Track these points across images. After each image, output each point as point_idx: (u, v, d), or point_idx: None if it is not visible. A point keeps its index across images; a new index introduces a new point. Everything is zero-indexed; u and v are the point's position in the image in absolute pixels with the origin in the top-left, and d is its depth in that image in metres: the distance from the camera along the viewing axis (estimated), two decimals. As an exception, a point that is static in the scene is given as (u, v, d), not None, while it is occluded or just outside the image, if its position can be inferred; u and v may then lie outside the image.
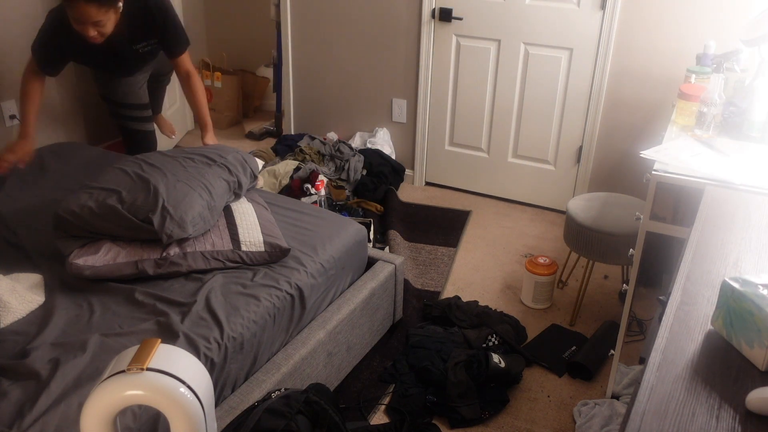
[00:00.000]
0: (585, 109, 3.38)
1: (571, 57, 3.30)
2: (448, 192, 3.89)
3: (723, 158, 1.93)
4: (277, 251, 2.10)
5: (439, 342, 2.46)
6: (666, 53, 3.09)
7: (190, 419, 1.09)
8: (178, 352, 1.15)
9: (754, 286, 1.09)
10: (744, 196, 1.65)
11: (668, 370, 1.05)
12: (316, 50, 3.96)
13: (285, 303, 2.00)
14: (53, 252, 2.08)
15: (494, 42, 3.46)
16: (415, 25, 3.60)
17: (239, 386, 1.86)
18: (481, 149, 3.74)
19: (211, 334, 1.77)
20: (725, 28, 2.92)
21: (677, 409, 0.97)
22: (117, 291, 1.92)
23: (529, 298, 2.80)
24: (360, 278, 2.39)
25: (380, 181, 3.67)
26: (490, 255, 3.21)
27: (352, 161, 3.65)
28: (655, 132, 3.22)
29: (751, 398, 0.97)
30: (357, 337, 2.31)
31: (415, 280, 2.96)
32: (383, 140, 3.88)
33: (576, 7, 3.20)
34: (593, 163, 3.46)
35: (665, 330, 1.14)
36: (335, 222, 2.40)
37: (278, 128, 4.48)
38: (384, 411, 2.23)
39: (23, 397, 1.52)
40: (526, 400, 2.30)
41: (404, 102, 3.81)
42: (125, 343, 1.72)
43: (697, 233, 1.45)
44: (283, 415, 1.53)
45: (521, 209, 3.70)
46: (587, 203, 2.71)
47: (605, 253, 2.54)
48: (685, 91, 2.18)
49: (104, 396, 1.07)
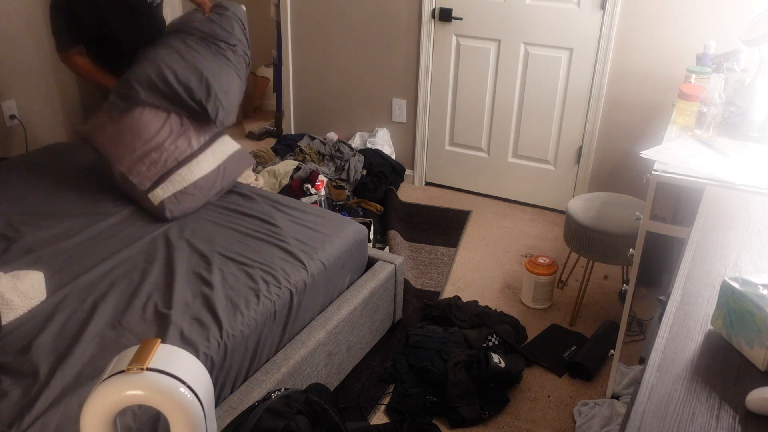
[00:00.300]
0: (585, 109, 3.38)
1: (571, 57, 3.30)
2: (448, 192, 3.89)
3: (723, 158, 1.93)
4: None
5: (439, 342, 2.46)
6: (666, 53, 3.09)
7: (190, 419, 1.09)
8: (178, 351, 1.15)
9: (754, 286, 1.09)
10: (744, 196, 1.65)
11: (668, 370, 1.05)
12: (316, 50, 3.96)
13: (284, 301, 2.00)
14: (55, 250, 2.08)
15: (494, 42, 3.46)
16: (415, 25, 3.60)
17: (239, 386, 1.86)
18: (481, 149, 3.74)
19: (211, 333, 1.77)
20: (725, 28, 2.92)
21: (677, 409, 0.97)
22: (118, 290, 1.92)
23: (529, 298, 2.80)
24: (360, 278, 2.39)
25: (380, 181, 3.67)
26: (490, 255, 3.21)
27: (352, 161, 3.65)
28: (655, 132, 3.22)
29: (751, 398, 0.97)
30: (357, 337, 2.31)
31: (415, 280, 2.96)
32: (383, 140, 3.88)
33: (576, 7, 3.20)
34: (593, 163, 3.46)
35: (665, 330, 1.14)
36: (335, 222, 2.40)
37: (278, 128, 4.48)
38: (384, 411, 2.23)
39: (23, 397, 1.52)
40: (526, 400, 2.30)
41: (404, 102, 3.81)
42: (125, 343, 1.72)
43: (697, 233, 1.45)
44: (283, 415, 1.53)
45: (521, 209, 3.70)
46: (587, 203, 2.71)
47: (605, 253, 2.54)
48: (685, 91, 2.18)
49: (104, 396, 1.07)
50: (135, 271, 2.02)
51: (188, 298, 1.91)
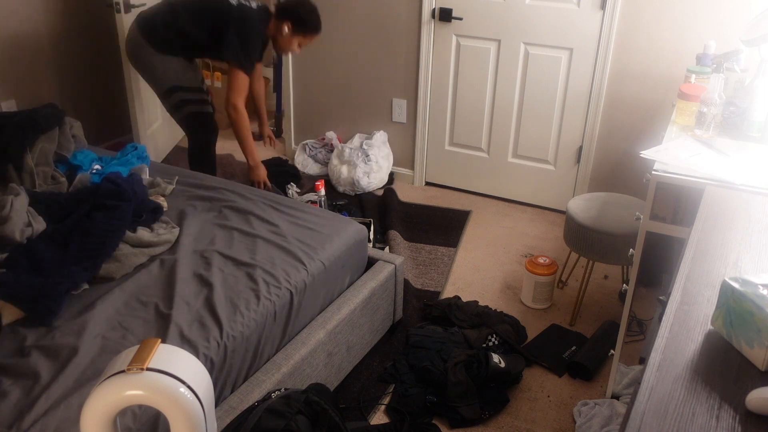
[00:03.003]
0: (585, 109, 3.38)
1: (571, 57, 3.30)
2: (448, 192, 3.89)
3: (723, 158, 1.93)
4: None
5: (439, 342, 2.46)
6: (666, 53, 3.09)
7: (190, 419, 1.09)
8: (178, 351, 1.15)
9: (754, 286, 1.09)
10: (744, 196, 1.65)
11: (668, 370, 1.05)
12: (316, 50, 3.96)
13: (284, 301, 2.00)
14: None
15: (494, 42, 3.46)
16: (415, 25, 3.60)
17: (239, 386, 1.86)
18: (481, 149, 3.74)
19: (211, 334, 1.77)
20: (725, 28, 2.92)
21: (677, 409, 0.97)
22: (118, 290, 1.92)
23: (529, 298, 2.80)
24: (360, 278, 2.39)
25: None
26: (490, 255, 3.21)
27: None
28: (655, 132, 3.22)
29: (751, 398, 0.97)
30: (357, 337, 2.31)
31: (415, 280, 2.96)
32: (380, 141, 3.87)
33: (576, 7, 3.20)
34: (593, 163, 3.46)
35: (665, 330, 1.14)
36: (335, 222, 2.40)
37: (278, 128, 4.47)
38: (384, 411, 2.23)
39: (23, 398, 1.52)
40: (526, 400, 2.30)
41: (404, 102, 3.81)
42: (125, 343, 1.72)
43: (697, 233, 1.45)
44: (283, 415, 1.53)
45: (521, 209, 3.70)
46: (587, 203, 2.71)
47: (605, 253, 2.54)
48: (685, 91, 2.18)
49: (104, 396, 1.07)
50: (135, 271, 2.02)
51: (188, 298, 1.91)
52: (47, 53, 3.61)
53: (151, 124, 3.86)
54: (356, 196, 3.76)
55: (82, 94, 3.88)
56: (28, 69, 3.53)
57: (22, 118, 2.44)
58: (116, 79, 3.91)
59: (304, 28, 2.98)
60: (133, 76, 3.54)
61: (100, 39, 3.92)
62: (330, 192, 3.75)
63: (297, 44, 3.04)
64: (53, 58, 3.67)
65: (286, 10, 2.97)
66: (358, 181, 3.73)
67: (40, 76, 3.60)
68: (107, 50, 3.93)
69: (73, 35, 3.77)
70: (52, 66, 3.65)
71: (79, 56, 3.83)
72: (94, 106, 3.97)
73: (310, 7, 2.99)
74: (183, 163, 3.99)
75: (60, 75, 3.71)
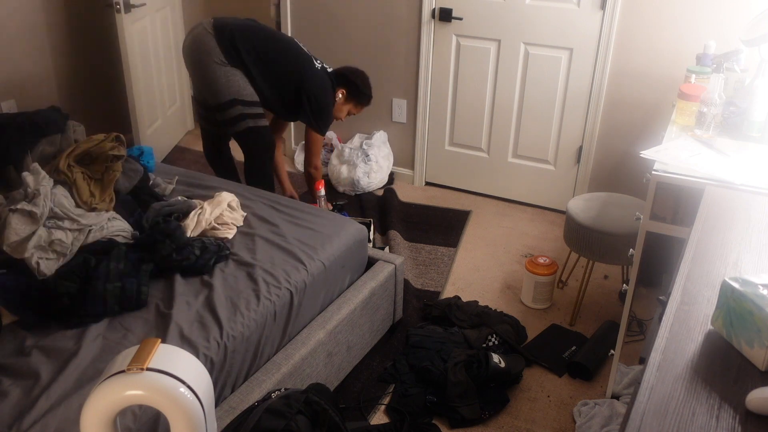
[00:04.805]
0: (585, 109, 3.38)
1: (571, 57, 3.30)
2: (448, 192, 3.89)
3: (723, 158, 1.93)
4: None
5: (439, 342, 2.46)
6: (666, 53, 3.09)
7: (190, 419, 1.09)
8: (178, 351, 1.15)
9: (754, 286, 1.09)
10: (744, 196, 1.65)
11: (668, 370, 1.05)
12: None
13: (284, 301, 2.00)
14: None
15: (494, 42, 3.46)
16: (415, 25, 3.60)
17: (239, 386, 1.86)
18: (481, 149, 3.74)
19: (211, 334, 1.77)
20: (725, 28, 2.92)
21: (677, 409, 0.97)
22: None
23: (529, 298, 2.80)
24: (360, 278, 2.39)
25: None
26: (490, 255, 3.21)
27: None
28: (655, 132, 3.22)
29: (751, 398, 0.97)
30: (357, 337, 2.31)
31: (415, 280, 2.96)
32: (380, 141, 3.87)
33: (576, 7, 3.20)
34: (593, 163, 3.46)
35: (665, 330, 1.14)
36: (335, 222, 2.40)
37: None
38: (384, 411, 2.23)
39: (23, 398, 1.52)
40: (526, 400, 2.30)
41: (404, 102, 3.81)
42: (125, 343, 1.72)
43: (697, 233, 1.45)
44: (283, 415, 1.53)
45: (521, 209, 3.70)
46: (587, 203, 2.71)
47: (605, 253, 2.54)
48: (685, 91, 2.18)
49: (104, 396, 1.07)
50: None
51: (189, 298, 1.91)
52: (47, 53, 3.61)
53: (151, 124, 3.87)
54: (356, 196, 3.76)
55: (82, 94, 3.88)
56: (27, 69, 3.53)
57: (24, 120, 2.44)
58: (116, 79, 3.91)
59: (359, 97, 3.07)
60: (134, 77, 3.55)
61: (100, 39, 3.93)
62: (330, 192, 3.75)
63: (347, 111, 3.11)
64: (53, 58, 3.67)
65: (344, 78, 3.03)
66: (358, 181, 3.73)
67: (39, 76, 3.60)
68: (107, 50, 3.93)
69: (73, 35, 3.77)
70: (52, 66, 3.65)
71: (79, 56, 3.83)
72: (94, 106, 3.97)
73: (365, 78, 3.06)
74: (183, 162, 3.99)
75: (60, 75, 3.71)
